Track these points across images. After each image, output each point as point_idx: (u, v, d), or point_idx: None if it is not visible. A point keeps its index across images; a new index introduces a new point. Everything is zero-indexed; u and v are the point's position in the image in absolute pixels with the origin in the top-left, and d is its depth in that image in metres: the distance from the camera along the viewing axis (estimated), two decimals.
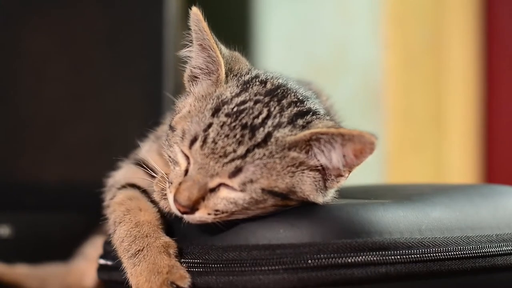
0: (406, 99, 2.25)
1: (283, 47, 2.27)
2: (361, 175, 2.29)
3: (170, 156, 0.91)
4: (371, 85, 2.22)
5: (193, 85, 0.95)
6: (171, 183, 0.88)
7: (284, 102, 0.90)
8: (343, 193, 1.03)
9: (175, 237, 0.91)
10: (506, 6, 2.39)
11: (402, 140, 2.24)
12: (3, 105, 1.60)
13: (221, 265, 0.87)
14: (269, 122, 0.87)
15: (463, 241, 0.91)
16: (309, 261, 0.84)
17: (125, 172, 1.03)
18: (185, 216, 0.87)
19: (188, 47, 0.95)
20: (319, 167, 0.88)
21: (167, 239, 0.90)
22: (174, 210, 0.87)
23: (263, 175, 0.85)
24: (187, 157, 0.88)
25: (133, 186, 0.99)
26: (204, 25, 0.92)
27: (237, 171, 0.85)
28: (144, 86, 1.61)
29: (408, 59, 2.24)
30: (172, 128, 0.92)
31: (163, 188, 0.91)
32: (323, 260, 0.84)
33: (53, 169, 1.60)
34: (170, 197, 0.88)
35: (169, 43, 1.62)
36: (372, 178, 2.16)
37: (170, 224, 0.93)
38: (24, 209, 1.57)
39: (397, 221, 0.89)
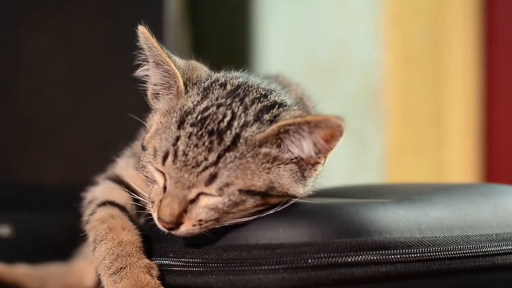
0: (406, 99, 2.25)
1: (283, 47, 2.27)
2: (362, 175, 2.29)
3: (147, 176, 0.91)
4: (371, 85, 2.21)
5: (157, 102, 0.95)
6: (153, 202, 0.89)
7: (247, 100, 0.90)
8: (343, 192, 1.03)
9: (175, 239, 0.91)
10: (506, 6, 2.39)
11: (402, 140, 2.24)
12: (3, 105, 1.60)
13: (221, 265, 0.87)
14: (235, 124, 0.87)
15: (463, 240, 0.91)
16: (309, 261, 0.84)
17: (103, 188, 1.03)
18: (172, 232, 0.87)
19: (143, 66, 0.95)
20: (294, 159, 0.88)
21: (149, 261, 0.91)
22: (161, 228, 0.87)
23: (237, 177, 0.85)
24: (163, 174, 0.88)
25: (113, 203, 0.99)
26: (153, 41, 0.92)
27: (212, 178, 0.85)
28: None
29: (408, 59, 2.24)
30: (143, 148, 0.92)
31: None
32: (323, 259, 0.84)
33: (53, 169, 1.60)
34: (155, 216, 0.88)
35: (169, 43, 1.62)
36: (372, 178, 2.16)
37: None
38: (24, 209, 1.57)
39: (397, 220, 0.89)
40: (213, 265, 0.87)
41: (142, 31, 0.92)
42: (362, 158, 2.22)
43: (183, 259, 0.89)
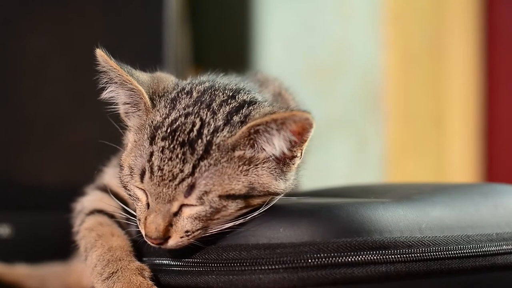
0: (406, 99, 2.25)
1: (283, 47, 2.27)
2: (362, 175, 2.29)
3: (130, 195, 0.91)
4: (371, 85, 2.22)
5: (129, 120, 0.95)
6: (140, 220, 0.89)
7: (214, 105, 0.89)
8: (343, 192, 1.02)
9: None
10: (506, 6, 2.39)
11: (402, 140, 2.24)
12: (3, 105, 1.60)
13: (221, 265, 0.87)
14: (205, 131, 0.86)
15: (463, 240, 0.91)
16: (309, 260, 0.84)
17: (92, 198, 1.03)
18: (162, 246, 0.87)
19: (107, 89, 0.95)
20: (270, 157, 0.88)
21: (140, 263, 0.91)
22: (150, 244, 0.88)
23: (215, 184, 0.85)
24: (144, 191, 0.88)
25: (101, 211, 0.99)
26: (112, 63, 0.92)
27: (190, 188, 0.85)
28: None
29: (408, 59, 2.24)
30: (120, 166, 0.92)
31: None
32: (323, 259, 0.84)
33: (53, 169, 1.60)
34: (143, 233, 0.88)
35: (169, 43, 1.62)
36: (372, 178, 2.16)
37: None
38: (24, 209, 1.57)
39: (397, 220, 0.89)
40: (213, 265, 0.87)
41: (100, 54, 0.92)
42: (362, 158, 2.22)
43: (182, 259, 0.89)
